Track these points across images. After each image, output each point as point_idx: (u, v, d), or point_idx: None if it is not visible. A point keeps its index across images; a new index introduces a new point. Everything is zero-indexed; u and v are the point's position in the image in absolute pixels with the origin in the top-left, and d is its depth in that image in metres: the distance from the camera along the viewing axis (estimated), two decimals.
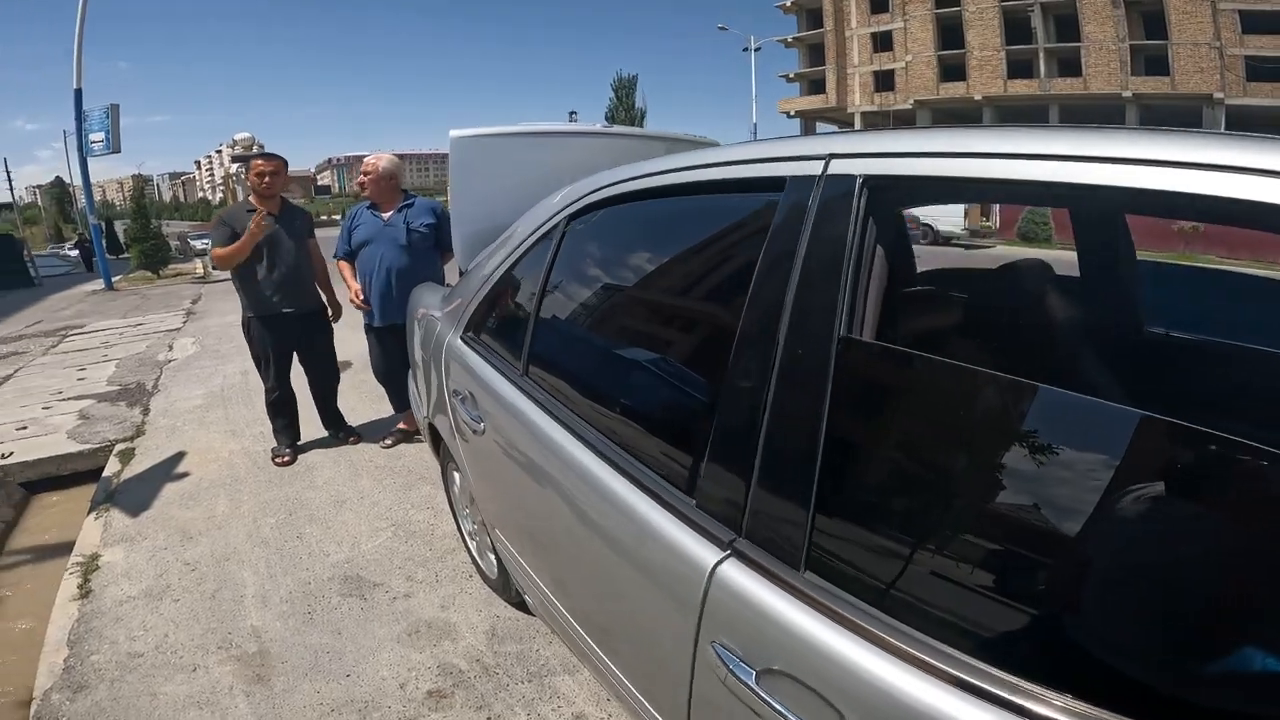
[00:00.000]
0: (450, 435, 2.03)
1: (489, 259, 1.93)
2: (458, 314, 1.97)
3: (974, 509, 0.74)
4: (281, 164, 3.45)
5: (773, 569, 0.83)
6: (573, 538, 1.29)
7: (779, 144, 1.04)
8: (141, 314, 10.14)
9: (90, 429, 4.27)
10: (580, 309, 1.53)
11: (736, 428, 0.91)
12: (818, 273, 0.83)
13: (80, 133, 14.64)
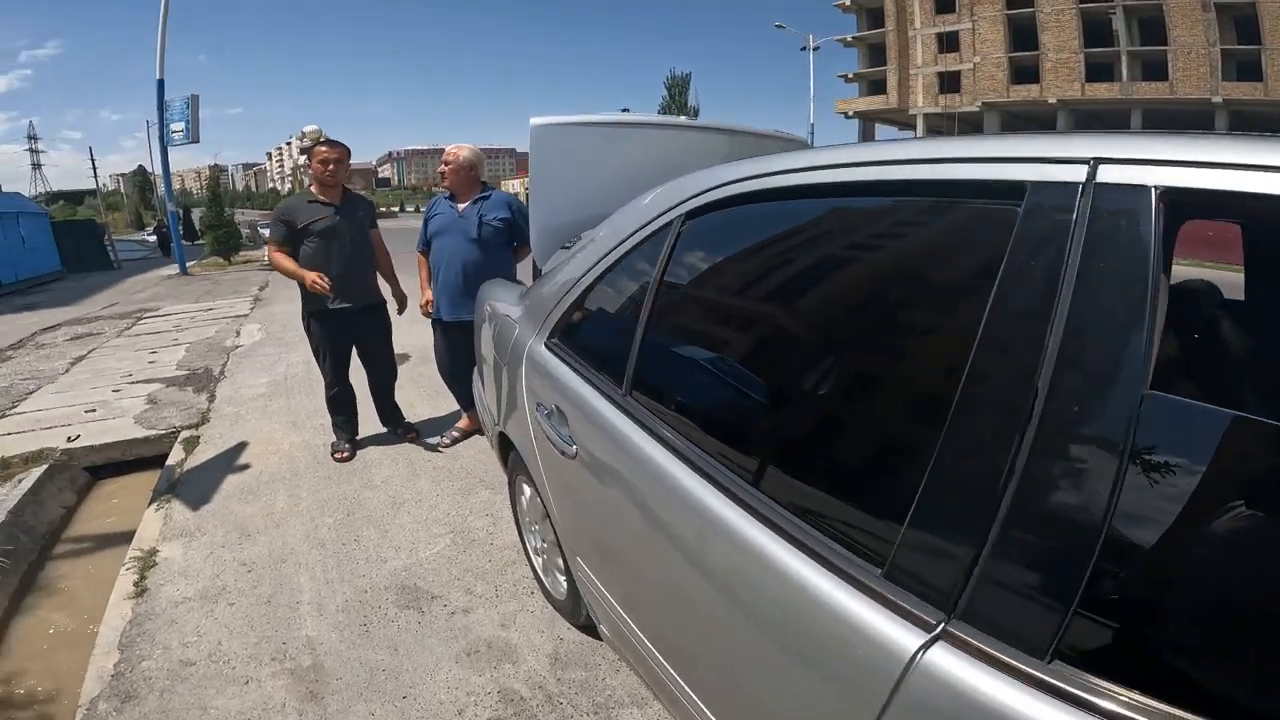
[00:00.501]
0: (528, 450, 1.86)
1: (575, 259, 1.75)
2: (539, 317, 1.80)
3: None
4: (345, 152, 3.36)
5: (1007, 658, 0.66)
6: (688, 590, 1.10)
7: (999, 142, 0.83)
8: (212, 299, 10.46)
9: (157, 414, 4.31)
10: (706, 324, 1.32)
11: (963, 494, 0.72)
12: (1103, 308, 0.65)
13: (162, 122, 15.26)
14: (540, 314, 1.80)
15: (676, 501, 1.11)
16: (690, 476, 1.09)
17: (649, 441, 1.22)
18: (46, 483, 3.41)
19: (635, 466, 1.24)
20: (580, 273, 1.64)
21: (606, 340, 1.57)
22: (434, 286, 3.42)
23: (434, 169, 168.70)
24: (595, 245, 1.64)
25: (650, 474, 1.19)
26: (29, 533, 3.02)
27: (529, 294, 2.07)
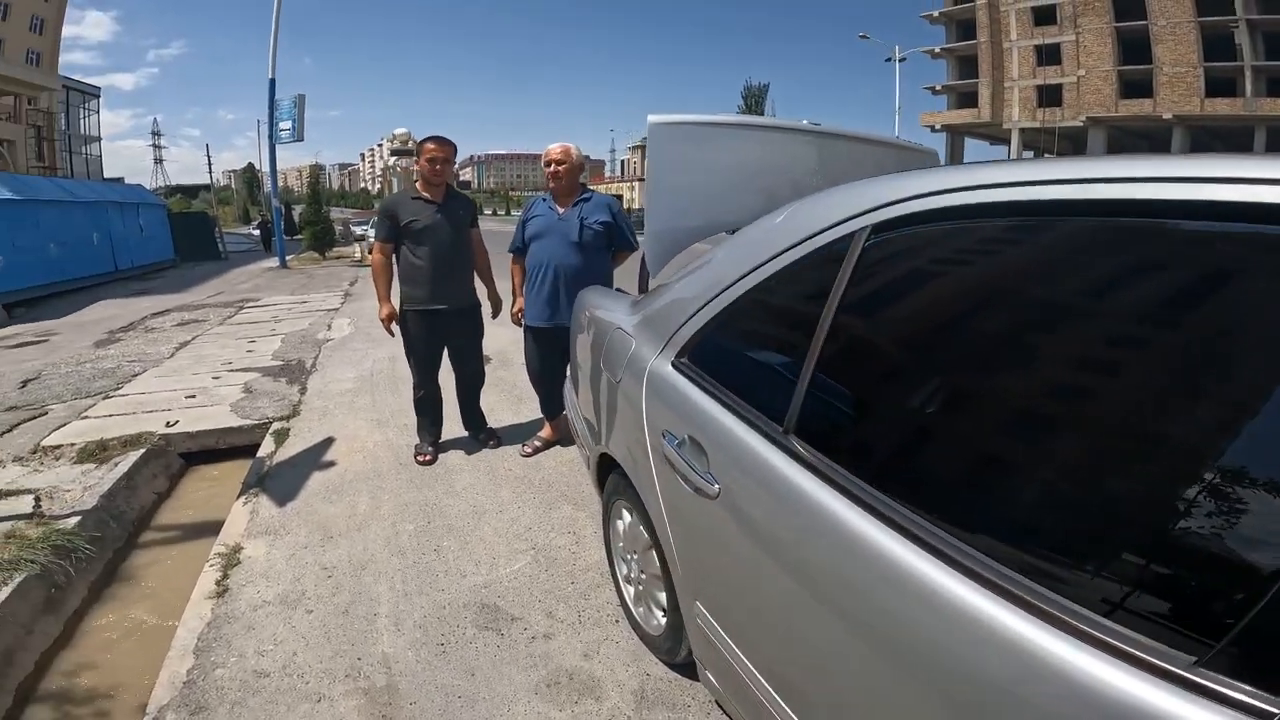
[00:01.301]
0: (643, 479, 1.67)
1: (709, 269, 1.56)
2: (663, 333, 1.61)
3: None
4: (452, 150, 3.30)
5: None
6: (871, 672, 0.90)
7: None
8: (307, 292, 10.97)
9: (252, 404, 4.42)
10: (904, 360, 1.07)
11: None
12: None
13: (271, 120, 16.24)
14: (665, 329, 1.61)
15: (862, 564, 0.91)
16: (887, 536, 0.88)
17: (825, 490, 1.01)
18: (142, 467, 3.49)
19: (802, 517, 1.04)
20: (720, 286, 1.43)
21: (759, 368, 1.36)
22: (528, 291, 3.31)
23: (513, 173, 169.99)
24: (738, 255, 1.44)
25: (823, 528, 0.99)
26: (119, 519, 3.07)
27: (645, 304, 1.89)
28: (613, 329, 1.95)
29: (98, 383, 5.11)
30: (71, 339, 7.30)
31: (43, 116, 35.04)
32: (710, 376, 1.42)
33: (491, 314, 3.59)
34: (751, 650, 1.23)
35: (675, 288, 1.73)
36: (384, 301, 3.32)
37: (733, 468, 1.24)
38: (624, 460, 1.79)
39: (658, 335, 1.64)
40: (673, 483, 1.43)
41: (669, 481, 1.46)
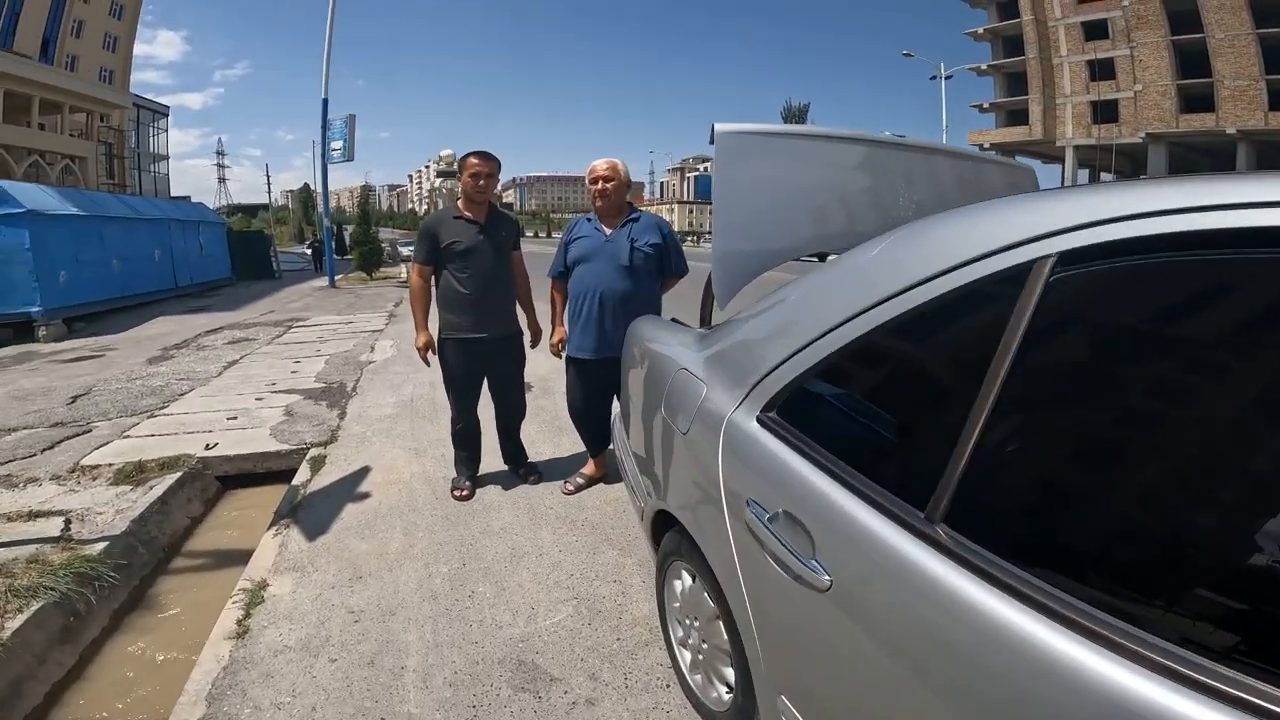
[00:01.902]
0: (718, 550, 1.40)
1: (798, 303, 1.34)
2: (744, 379, 1.37)
3: None
4: (496, 165, 3.13)
5: None
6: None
7: None
8: (353, 312, 11.11)
9: (291, 428, 4.36)
10: (1130, 432, 0.79)
11: None
12: None
13: (324, 140, 16.69)
14: (744, 375, 1.37)
15: (1061, 695, 0.68)
16: (1098, 660, 0.66)
17: (997, 598, 0.77)
18: (177, 491, 3.44)
19: (964, 631, 0.80)
20: (822, 326, 1.17)
21: (883, 435, 1.10)
22: (571, 319, 3.11)
23: (554, 195, 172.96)
24: (845, 288, 1.20)
25: (996, 647, 0.75)
26: (149, 544, 3.00)
27: (714, 342, 1.66)
28: (675, 369, 1.72)
29: (144, 400, 5.16)
30: (127, 355, 7.47)
31: (113, 134, 36.39)
32: (812, 440, 1.16)
33: (530, 343, 3.41)
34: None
35: (753, 324, 1.50)
36: (421, 329, 3.18)
37: (852, 558, 0.99)
38: (689, 521, 1.56)
39: (735, 382, 1.40)
40: (759, 562, 1.19)
41: (754, 559, 1.22)
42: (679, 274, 3.17)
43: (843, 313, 1.12)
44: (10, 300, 9.04)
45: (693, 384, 1.58)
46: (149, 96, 46.83)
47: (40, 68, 28.86)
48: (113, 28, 36.15)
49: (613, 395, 3.18)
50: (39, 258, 9.28)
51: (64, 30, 32.09)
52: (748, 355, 1.42)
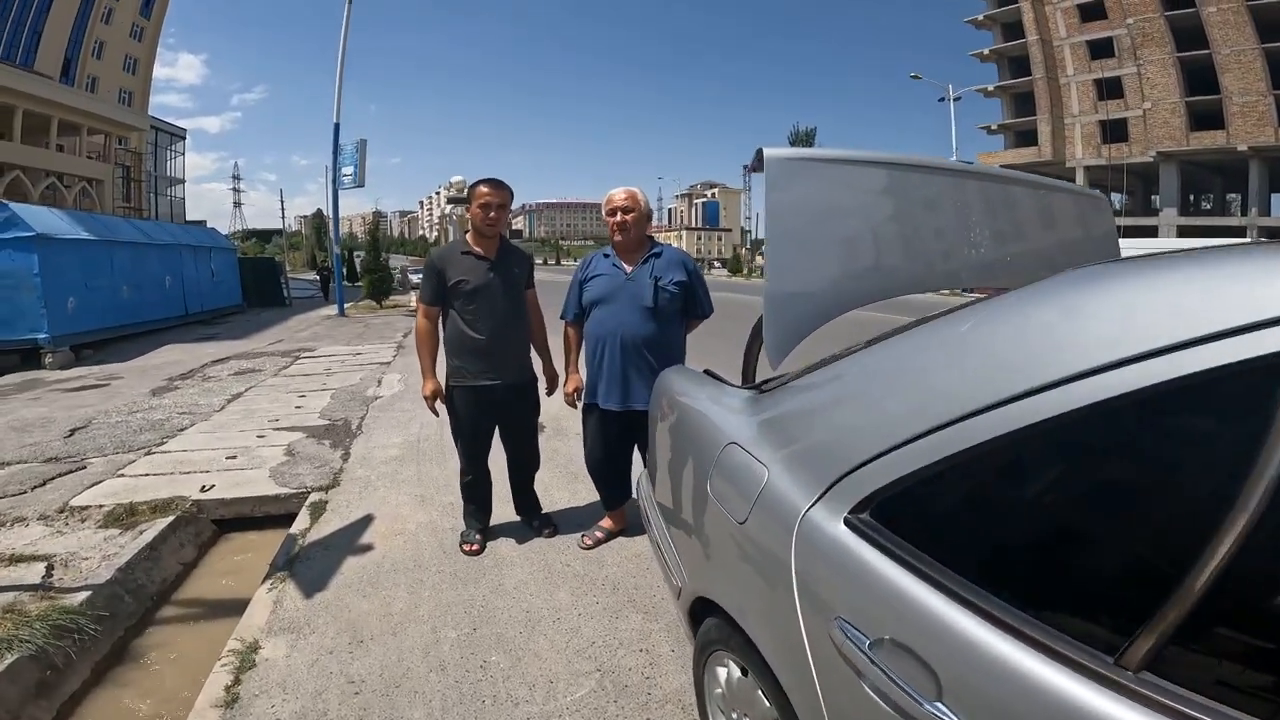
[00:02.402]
0: (789, 663, 1.14)
1: (902, 375, 1.09)
2: (819, 467, 1.11)
3: None
4: (508, 195, 2.87)
5: None
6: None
7: None
8: (362, 342, 10.95)
9: (292, 469, 4.14)
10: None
11: None
12: None
13: (335, 165, 16.69)
14: (825, 463, 1.10)
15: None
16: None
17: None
18: (169, 536, 3.27)
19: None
20: (953, 410, 0.90)
21: (1051, 556, 0.85)
22: (589, 366, 2.84)
23: (563, 222, 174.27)
24: (982, 357, 0.95)
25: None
26: (136, 593, 2.85)
27: (771, 407, 1.40)
28: (723, 442, 1.45)
29: (143, 436, 4.98)
30: (131, 385, 7.33)
31: (131, 157, 36.62)
32: (931, 555, 0.90)
33: (545, 390, 3.15)
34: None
35: (828, 396, 1.25)
36: (428, 376, 2.90)
37: (1002, 712, 0.75)
38: (744, 620, 1.29)
39: (810, 471, 1.14)
40: (852, 690, 0.93)
41: (842, 683, 0.96)
42: (704, 316, 2.93)
43: (984, 396, 0.86)
44: (17, 326, 8.93)
45: (749, 465, 1.31)
46: (167, 119, 47.50)
47: (61, 88, 29.21)
48: (133, 49, 36.69)
49: (634, 446, 2.95)
50: (48, 283, 9.16)
51: (85, 51, 32.65)
52: (826, 437, 1.17)
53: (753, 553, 1.25)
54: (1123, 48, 35.62)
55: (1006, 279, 1.99)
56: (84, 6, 32.02)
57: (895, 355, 1.15)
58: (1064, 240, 2.05)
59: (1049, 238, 2.01)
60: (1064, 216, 2.07)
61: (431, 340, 2.92)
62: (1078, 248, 2.07)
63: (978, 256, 1.79)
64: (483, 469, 3.04)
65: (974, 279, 1.84)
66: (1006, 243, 1.88)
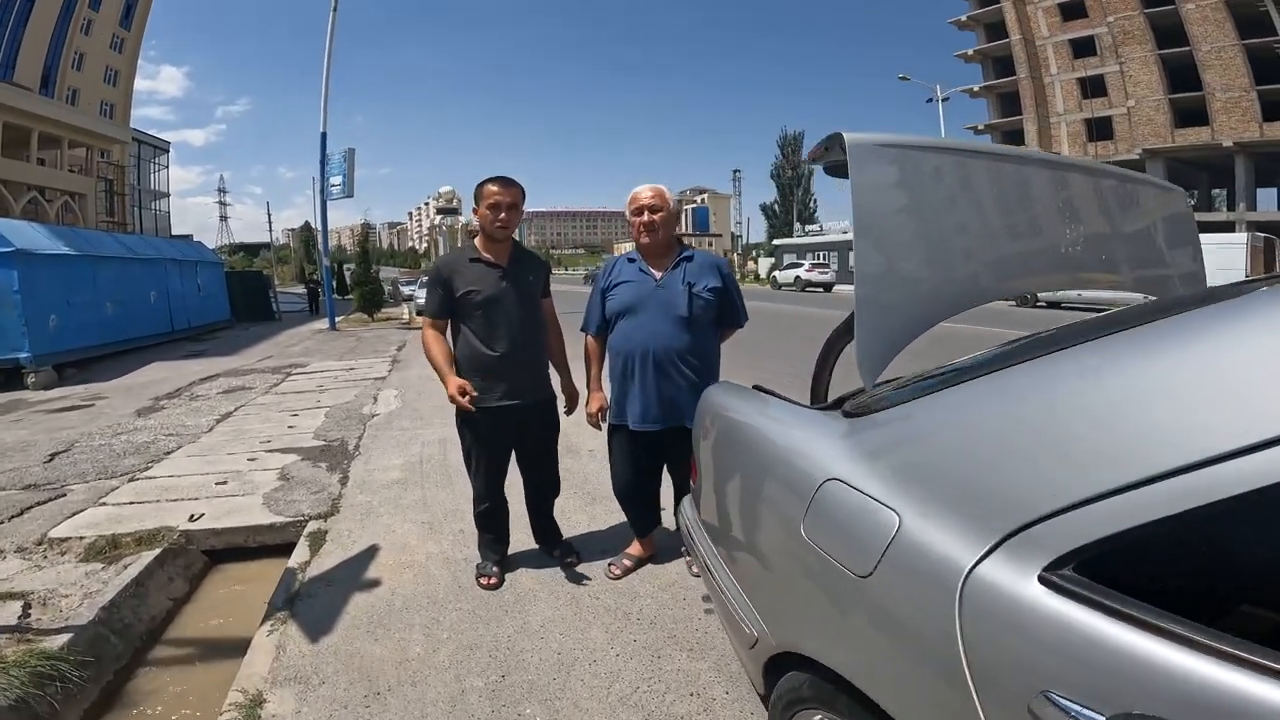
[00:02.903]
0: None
1: (1100, 401, 0.86)
2: (984, 515, 0.90)
3: None
4: (520, 194, 2.59)
5: None
6: None
7: None
8: (355, 357, 10.64)
9: (287, 496, 3.86)
10: None
11: None
12: None
13: (323, 175, 16.36)
14: (994, 509, 0.89)
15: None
16: None
17: None
18: (156, 570, 3.03)
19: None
20: (1195, 450, 0.70)
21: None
22: (616, 382, 2.59)
23: (553, 231, 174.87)
24: (1219, 385, 0.74)
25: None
26: (123, 633, 2.61)
27: (890, 438, 1.18)
28: (818, 477, 1.21)
29: (127, 460, 4.70)
30: (116, 405, 7.04)
31: (113, 170, 35.84)
32: (1176, 614, 0.70)
33: (565, 409, 2.86)
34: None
35: (971, 420, 1.03)
36: (448, 375, 2.55)
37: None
38: (876, 689, 1.03)
39: (967, 516, 0.92)
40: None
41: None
42: (737, 325, 2.69)
43: (1242, 433, 0.66)
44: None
45: (866, 509, 1.08)
46: (150, 132, 46.74)
47: (41, 100, 28.69)
48: (114, 61, 36.15)
49: (663, 467, 2.72)
50: (28, 300, 8.82)
51: (65, 62, 32.12)
52: (984, 478, 0.94)
53: (885, 612, 1.01)
54: (1104, 46, 35.90)
55: (1106, 282, 1.81)
56: (63, 18, 31.53)
57: (1085, 376, 0.92)
58: (1151, 238, 1.89)
59: (1140, 236, 1.85)
60: (1148, 212, 1.90)
61: (442, 345, 2.61)
62: (1162, 247, 1.90)
63: (1075, 256, 1.62)
64: (499, 495, 2.78)
65: (1071, 282, 1.69)
66: (1101, 242, 1.72)
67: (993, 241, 1.47)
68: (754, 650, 1.44)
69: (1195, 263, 1.96)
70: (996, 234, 1.47)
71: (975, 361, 1.22)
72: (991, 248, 1.46)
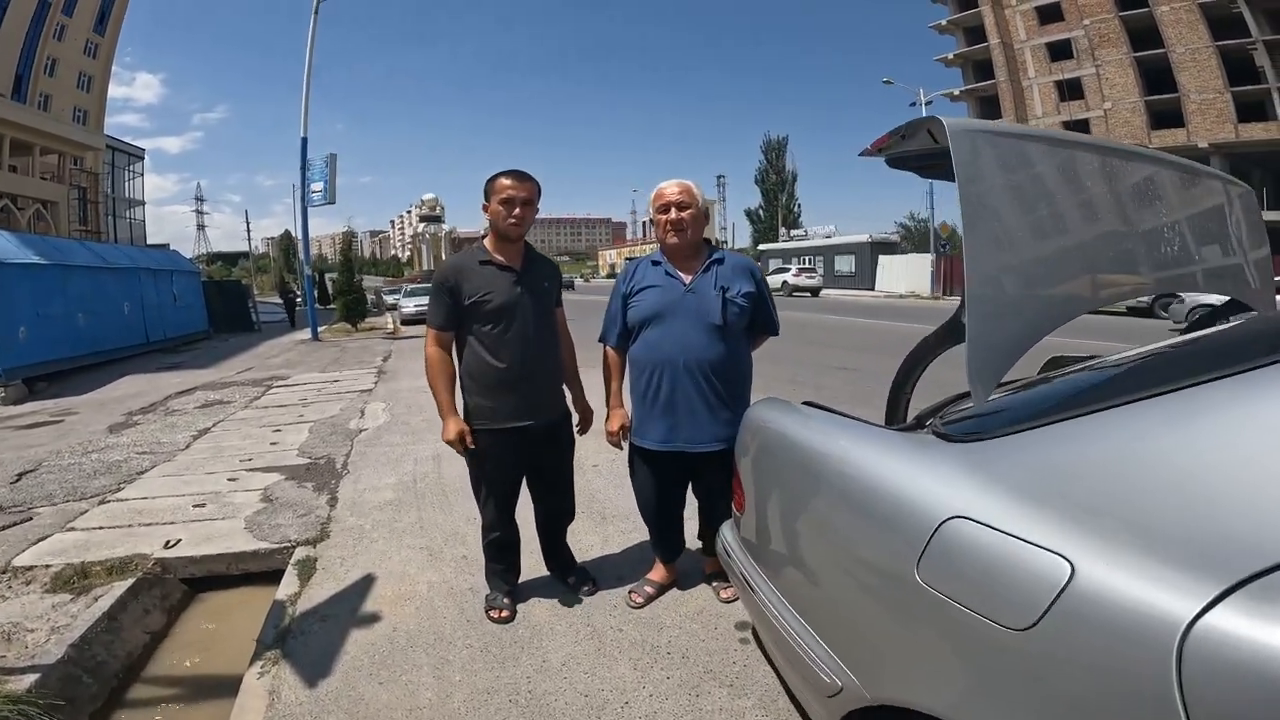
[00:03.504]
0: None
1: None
2: (1202, 558, 0.75)
3: None
4: (535, 189, 2.34)
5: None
6: None
7: None
8: (339, 368, 10.30)
9: (271, 520, 3.57)
10: None
11: None
12: None
13: (303, 182, 15.93)
14: (1216, 551, 0.74)
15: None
16: None
17: None
18: (130, 602, 2.78)
19: None
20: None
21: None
22: (641, 397, 2.36)
23: (536, 239, 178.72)
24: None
25: None
26: (96, 671, 2.38)
27: (1028, 466, 0.99)
28: (936, 515, 1.02)
29: (97, 481, 4.40)
30: (88, 420, 6.70)
31: (87, 178, 35.00)
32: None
33: (579, 428, 2.63)
34: None
35: (1158, 445, 0.85)
36: (449, 413, 2.34)
37: None
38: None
39: (1177, 560, 0.76)
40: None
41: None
42: (771, 333, 2.48)
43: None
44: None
45: (1020, 555, 0.89)
46: (125, 139, 45.72)
47: (12, 106, 27.90)
48: (87, 66, 35.31)
49: (688, 486, 2.50)
50: None
51: (37, 68, 31.34)
52: (1199, 512, 0.78)
53: (1057, 669, 0.82)
54: (1081, 49, 36.46)
55: (1191, 281, 1.67)
56: (35, 23, 30.80)
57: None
58: (1229, 236, 1.78)
59: (1224, 234, 1.77)
60: (1218, 206, 1.79)
61: (447, 370, 2.37)
62: (1239, 242, 1.80)
63: (1172, 256, 1.49)
64: (510, 523, 2.51)
65: (1173, 284, 1.63)
66: (1194, 240, 1.62)
67: (1105, 239, 1.35)
68: (835, 699, 1.24)
69: (1264, 254, 1.88)
70: (1108, 231, 1.36)
71: (1129, 375, 1.05)
72: (1105, 245, 1.35)
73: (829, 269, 35.23)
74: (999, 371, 1.11)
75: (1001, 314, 1.13)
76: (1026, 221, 1.18)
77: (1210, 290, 1.77)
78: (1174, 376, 0.94)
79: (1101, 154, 1.36)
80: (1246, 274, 1.81)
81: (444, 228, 50.24)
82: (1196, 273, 1.61)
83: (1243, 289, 1.80)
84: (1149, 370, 1.30)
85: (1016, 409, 1.16)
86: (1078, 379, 1.36)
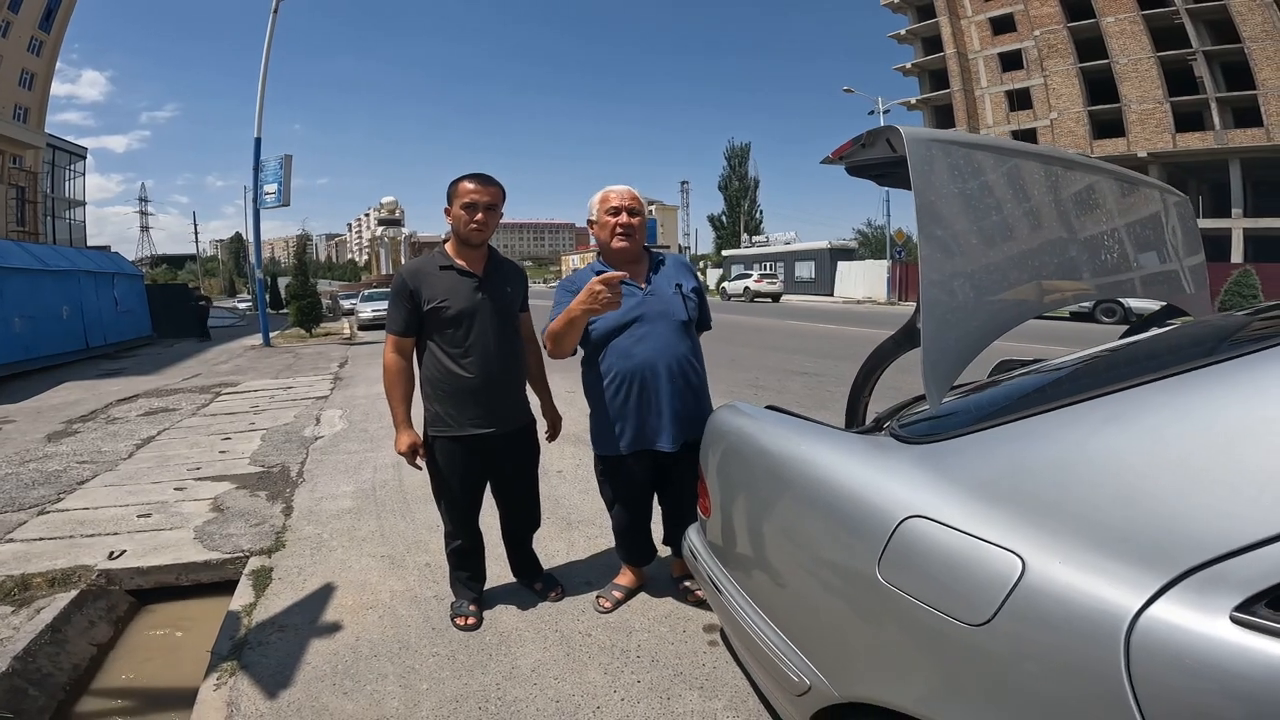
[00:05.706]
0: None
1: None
2: (1147, 552, 0.79)
3: None
4: (500, 193, 2.29)
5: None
6: None
7: None
8: (292, 374, 9.99)
9: (222, 529, 3.45)
10: None
11: None
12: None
13: (256, 183, 15.41)
14: (1162, 546, 0.77)
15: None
16: None
17: None
18: (74, 613, 2.68)
19: None
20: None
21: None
22: (616, 403, 2.28)
23: (501, 244, 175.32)
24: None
25: None
26: (42, 684, 2.30)
27: (980, 466, 1.02)
28: (895, 514, 1.05)
29: (35, 491, 4.18)
30: (24, 429, 6.35)
31: (26, 177, 33.69)
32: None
33: (548, 435, 2.62)
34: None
35: (1108, 444, 0.88)
36: (403, 426, 2.31)
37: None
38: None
39: (1124, 554, 0.80)
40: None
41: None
42: (707, 327, 2.51)
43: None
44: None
45: (974, 551, 0.92)
46: (67, 138, 43.57)
47: None
48: (30, 64, 33.99)
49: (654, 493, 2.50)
50: None
51: None
52: (1142, 507, 0.82)
53: (1012, 661, 0.86)
54: (1031, 60, 37.81)
55: (1127, 288, 1.75)
56: None
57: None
58: (1165, 241, 1.87)
59: (1161, 241, 1.86)
60: (1155, 214, 1.87)
61: (405, 380, 2.32)
62: (1175, 249, 1.90)
63: (1112, 263, 1.56)
64: (473, 530, 2.48)
65: (1113, 289, 1.67)
66: (1133, 247, 1.72)
67: (1049, 246, 1.41)
68: (804, 699, 1.26)
69: (1199, 261, 1.98)
70: (1052, 238, 1.42)
71: (1073, 377, 1.10)
72: (1049, 252, 1.41)
73: (790, 275, 35.78)
74: (952, 375, 1.16)
75: (955, 319, 1.17)
76: (977, 229, 1.23)
77: (1148, 295, 1.86)
78: (1115, 378, 0.99)
79: (1045, 163, 1.43)
80: (1182, 280, 1.90)
81: (404, 231, 49.33)
82: (1135, 279, 1.69)
83: (1178, 294, 1.90)
84: (1092, 372, 1.36)
85: (969, 411, 1.21)
86: (1026, 381, 1.42)
